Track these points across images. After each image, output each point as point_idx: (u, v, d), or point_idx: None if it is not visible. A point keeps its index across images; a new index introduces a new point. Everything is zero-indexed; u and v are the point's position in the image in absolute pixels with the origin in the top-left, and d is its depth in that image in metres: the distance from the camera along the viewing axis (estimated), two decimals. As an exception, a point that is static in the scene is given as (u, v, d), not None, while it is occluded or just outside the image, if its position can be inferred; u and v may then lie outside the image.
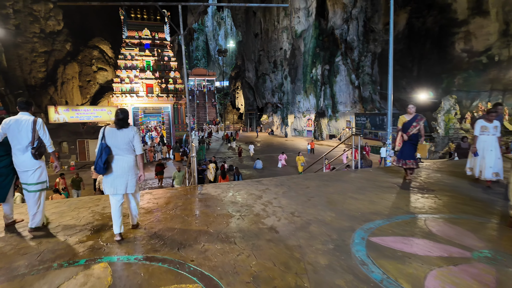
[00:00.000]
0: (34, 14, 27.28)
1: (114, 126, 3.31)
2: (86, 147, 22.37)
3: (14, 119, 3.45)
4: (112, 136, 3.28)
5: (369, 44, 31.36)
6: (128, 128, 3.37)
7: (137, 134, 3.44)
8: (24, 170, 3.47)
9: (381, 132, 27.89)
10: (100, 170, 3.22)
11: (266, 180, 5.69)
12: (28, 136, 3.42)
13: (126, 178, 3.28)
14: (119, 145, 3.28)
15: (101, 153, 3.21)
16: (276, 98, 44.42)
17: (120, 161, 3.29)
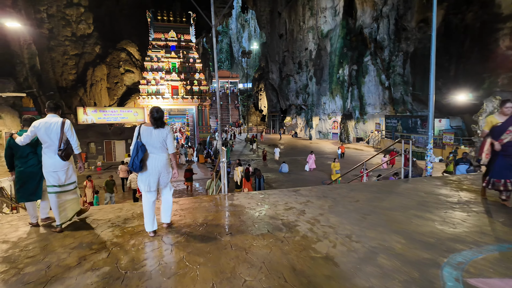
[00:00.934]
0: (67, 18, 28.15)
1: (150, 124, 3.37)
2: (113, 147, 22.61)
3: (44, 121, 3.52)
4: (148, 135, 3.34)
5: (401, 43, 29.78)
6: (164, 127, 3.42)
7: (170, 133, 3.49)
8: (53, 170, 3.53)
9: (415, 136, 26.29)
10: (136, 168, 3.29)
11: (304, 190, 4.99)
12: (57, 138, 3.51)
13: (159, 175, 3.37)
14: (153, 144, 3.34)
15: (137, 151, 3.27)
16: (300, 99, 43.46)
17: (154, 159, 3.36)
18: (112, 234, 3.32)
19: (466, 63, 24.75)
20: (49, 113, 3.66)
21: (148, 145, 3.32)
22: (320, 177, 16.60)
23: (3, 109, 16.69)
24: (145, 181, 3.33)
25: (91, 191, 11.21)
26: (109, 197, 11.77)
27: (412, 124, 27.16)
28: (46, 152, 3.52)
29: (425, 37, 27.61)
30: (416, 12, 28.23)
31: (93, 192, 11.18)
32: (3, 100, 16.96)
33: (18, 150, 3.64)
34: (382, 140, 30.63)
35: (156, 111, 3.36)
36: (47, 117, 3.61)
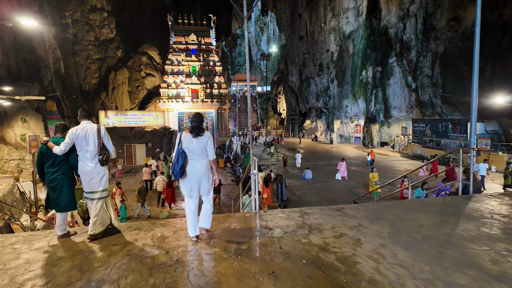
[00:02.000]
0: (90, 23, 28.63)
1: (189, 132, 3.42)
2: (133, 151, 22.54)
3: (80, 128, 3.56)
4: (188, 142, 3.40)
5: (429, 43, 28.27)
6: (204, 134, 3.44)
7: (210, 139, 3.51)
8: (90, 177, 3.55)
9: (445, 141, 24.74)
10: (176, 174, 3.36)
11: (350, 209, 4.26)
12: (95, 144, 3.56)
13: (199, 182, 3.40)
14: (194, 150, 3.40)
15: (177, 158, 3.35)
16: (321, 102, 42.38)
17: (195, 165, 3.40)
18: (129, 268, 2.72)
19: (504, 63, 23.06)
20: (83, 120, 3.69)
21: (189, 151, 3.38)
22: (347, 185, 15.66)
23: (28, 112, 16.87)
24: (186, 187, 3.39)
25: (119, 200, 10.48)
26: (141, 206, 10.98)
27: (443, 128, 25.59)
28: (83, 159, 3.55)
29: (456, 36, 26.07)
30: (447, 10, 26.71)
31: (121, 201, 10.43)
32: (28, 103, 17.16)
33: (50, 158, 3.56)
34: (409, 145, 29.13)
35: (192, 120, 3.43)
36: (82, 124, 3.63)
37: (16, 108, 16.62)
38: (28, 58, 19.67)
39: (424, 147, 26.80)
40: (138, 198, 10.80)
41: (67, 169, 3.63)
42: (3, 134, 16.52)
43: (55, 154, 3.50)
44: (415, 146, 27.94)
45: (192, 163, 3.38)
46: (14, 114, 16.57)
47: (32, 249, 3.18)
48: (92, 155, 3.54)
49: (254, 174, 4.30)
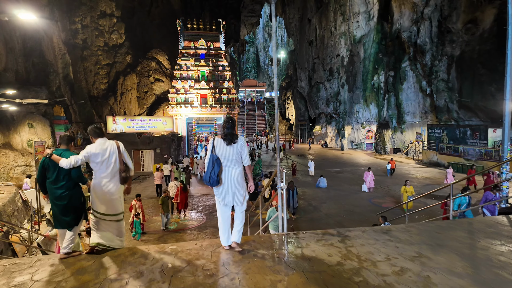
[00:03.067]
0: (100, 28, 28.56)
1: (222, 138, 3.30)
2: (141, 157, 22.08)
3: (99, 146, 3.42)
4: (223, 148, 3.27)
5: (445, 47, 27.39)
6: (238, 140, 3.31)
7: (245, 145, 3.39)
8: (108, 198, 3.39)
9: (464, 147, 23.71)
10: (213, 182, 3.20)
11: (399, 231, 3.54)
12: (116, 161, 3.45)
13: (234, 190, 3.27)
14: (228, 157, 3.26)
15: (213, 165, 3.19)
16: (331, 107, 41.60)
17: (229, 172, 3.27)
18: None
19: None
20: (98, 139, 3.51)
21: (223, 158, 3.24)
22: (366, 194, 14.81)
23: (34, 117, 16.54)
24: (220, 195, 3.28)
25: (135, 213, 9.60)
26: (165, 217, 10.14)
27: (461, 135, 24.59)
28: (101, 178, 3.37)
29: (473, 39, 25.17)
30: (463, 12, 25.88)
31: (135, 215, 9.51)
32: (35, 108, 16.85)
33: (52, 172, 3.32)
34: (424, 151, 28.13)
35: (224, 126, 3.30)
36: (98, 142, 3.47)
37: (23, 113, 16.31)
38: (37, 63, 19.46)
39: (441, 154, 25.80)
40: (162, 208, 10.00)
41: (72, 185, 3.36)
42: (9, 140, 16.19)
43: (57, 169, 3.27)
44: (431, 153, 26.94)
45: (227, 170, 3.24)
46: (21, 119, 16.25)
47: (10, 286, 2.53)
48: (113, 173, 3.41)
49: (281, 188, 3.64)
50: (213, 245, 3.33)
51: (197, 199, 14.10)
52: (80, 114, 24.56)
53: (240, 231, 3.36)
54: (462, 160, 23.19)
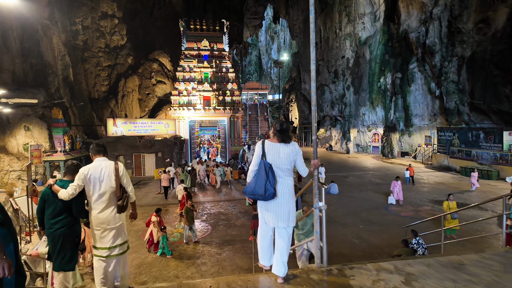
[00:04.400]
0: (101, 29, 27.99)
1: (275, 140, 2.81)
2: (142, 161, 21.33)
3: (93, 167, 3.08)
4: (275, 153, 2.76)
5: (455, 47, 26.60)
6: (290, 143, 2.83)
7: (300, 151, 2.88)
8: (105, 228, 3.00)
9: (477, 151, 22.82)
10: (269, 195, 2.63)
11: (475, 267, 2.73)
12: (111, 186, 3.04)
13: (288, 207, 2.73)
14: (280, 165, 2.76)
15: (267, 174, 2.64)
16: (336, 110, 40.82)
17: (282, 184, 2.74)
18: None
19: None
20: (97, 157, 3.19)
21: (275, 166, 2.75)
22: (381, 201, 13.94)
23: (31, 120, 15.85)
24: (269, 212, 2.78)
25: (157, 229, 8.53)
26: (189, 229, 9.26)
27: (473, 138, 23.71)
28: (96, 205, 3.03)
29: (485, 39, 24.41)
30: (474, 11, 25.13)
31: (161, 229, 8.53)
32: (32, 110, 16.16)
33: (50, 205, 3.08)
34: (434, 155, 27.24)
35: (280, 124, 2.84)
36: (95, 162, 3.14)
37: (19, 115, 15.63)
38: (35, 64, 18.82)
39: (452, 158, 24.92)
40: (186, 219, 9.08)
41: (69, 222, 3.09)
42: (4, 144, 15.50)
43: (56, 202, 3.02)
44: (442, 157, 26.06)
45: (280, 182, 2.74)
46: (17, 122, 15.57)
47: None
48: (108, 200, 3.05)
49: (319, 209, 2.84)
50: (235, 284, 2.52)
51: (201, 206, 13.29)
52: (80, 117, 23.89)
53: (286, 261, 2.78)
54: (475, 164, 22.31)
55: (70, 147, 17.50)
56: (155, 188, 16.89)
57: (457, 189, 17.00)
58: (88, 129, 24.43)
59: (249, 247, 8.36)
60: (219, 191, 16.26)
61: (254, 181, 2.67)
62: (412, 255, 6.06)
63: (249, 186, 2.72)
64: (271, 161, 2.74)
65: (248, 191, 2.69)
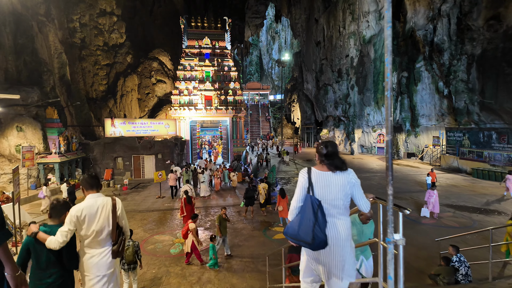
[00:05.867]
0: (99, 27, 27.17)
1: (324, 168, 2.17)
2: (141, 163, 20.48)
3: (87, 206, 2.63)
4: (324, 185, 2.16)
5: (465, 45, 25.79)
6: (346, 171, 2.21)
7: (358, 180, 2.26)
8: (99, 275, 2.61)
9: (489, 152, 22.00)
10: (320, 244, 2.00)
11: None
12: (109, 226, 2.67)
13: (342, 256, 2.08)
14: (332, 200, 2.15)
15: (315, 214, 2.03)
16: (340, 110, 39.96)
17: (334, 227, 2.11)
18: None
19: None
20: (90, 192, 2.73)
21: (325, 202, 2.12)
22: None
23: (24, 120, 15.01)
24: (317, 264, 2.15)
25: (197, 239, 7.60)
26: (222, 240, 8.22)
27: (485, 138, 22.92)
28: (89, 249, 2.64)
29: (497, 36, 23.61)
30: (485, 8, 24.31)
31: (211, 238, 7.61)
32: (25, 110, 15.32)
33: (36, 255, 2.53)
34: (442, 156, 26.42)
35: (325, 145, 2.24)
36: (88, 199, 2.68)
37: (11, 115, 14.79)
38: (29, 62, 17.98)
39: (462, 159, 24.12)
40: (219, 229, 8.00)
41: (60, 274, 2.59)
42: (-4, 145, 14.66)
43: (43, 252, 2.54)
44: (451, 158, 25.24)
45: (331, 223, 2.12)
46: (9, 122, 14.73)
47: None
48: (102, 244, 2.71)
49: (394, 244, 1.95)
50: None
51: (203, 212, 12.42)
52: (77, 117, 23.05)
53: None
54: (487, 166, 21.52)
55: (65, 149, 16.65)
56: (154, 192, 16.04)
57: (470, 192, 16.15)
58: (85, 130, 23.59)
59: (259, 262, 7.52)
60: (223, 195, 15.41)
61: (298, 222, 2.10)
62: (453, 275, 5.22)
63: (292, 227, 2.13)
64: (321, 195, 2.16)
65: (290, 234, 2.11)
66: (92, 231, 2.64)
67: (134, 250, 6.50)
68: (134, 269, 6.56)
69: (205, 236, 9.64)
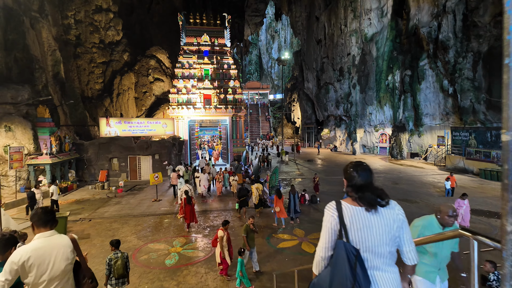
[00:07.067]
0: (95, 24, 26.41)
1: (357, 203, 1.59)
2: (138, 164, 19.73)
3: (35, 248, 2.10)
4: (363, 227, 1.56)
5: (471, 42, 25.13)
6: (389, 205, 1.62)
7: (406, 219, 1.68)
8: None
9: (497, 152, 21.32)
10: None
11: None
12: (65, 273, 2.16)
13: None
14: (374, 247, 1.56)
15: (353, 269, 1.47)
16: (341, 109, 39.28)
17: (379, 284, 1.53)
18: None
19: None
20: (42, 230, 2.20)
21: (364, 250, 1.52)
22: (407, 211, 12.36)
23: (13, 119, 14.26)
24: None
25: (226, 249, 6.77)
26: (251, 254, 7.21)
27: (492, 138, 22.23)
28: None
29: (504, 33, 22.88)
30: (492, 4, 23.66)
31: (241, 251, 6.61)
32: (14, 109, 14.57)
33: None
34: (448, 156, 25.74)
35: (355, 169, 1.64)
36: (40, 240, 2.14)
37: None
38: (20, 58, 17.22)
39: (469, 159, 23.44)
40: (246, 242, 6.98)
41: None
42: (-17, 145, 13.90)
43: None
44: (456, 158, 24.56)
45: (375, 279, 1.49)
46: (-3, 121, 13.98)
47: None
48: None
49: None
50: None
51: (202, 217, 11.68)
52: (72, 116, 22.28)
53: None
54: (496, 167, 20.84)
55: (57, 149, 15.90)
56: (151, 194, 15.30)
57: (482, 194, 15.49)
58: (80, 130, 22.81)
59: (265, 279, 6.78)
60: (223, 200, 14.63)
61: (329, 280, 1.54)
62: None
63: (319, 285, 1.59)
64: (358, 241, 1.58)
65: None
66: (42, 281, 2.08)
67: (124, 262, 5.76)
68: (124, 284, 5.82)
69: (204, 245, 8.89)
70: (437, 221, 2.96)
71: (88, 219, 11.41)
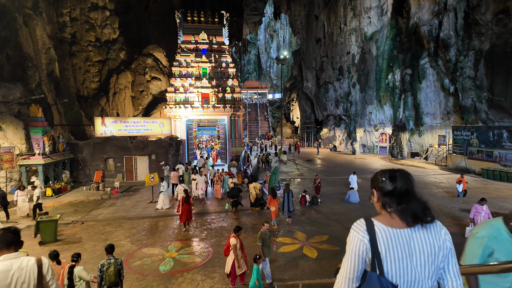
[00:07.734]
0: (91, 22, 25.95)
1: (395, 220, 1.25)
2: (134, 164, 19.29)
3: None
4: (403, 256, 1.21)
5: (472, 40, 24.79)
6: (435, 225, 1.29)
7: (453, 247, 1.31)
8: None
9: (500, 152, 20.99)
10: None
11: None
12: None
13: None
14: (416, 281, 1.21)
15: None
16: (341, 109, 38.91)
17: None
18: None
19: None
20: (5, 252, 2.01)
21: (405, 282, 1.16)
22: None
23: (5, 118, 13.82)
24: None
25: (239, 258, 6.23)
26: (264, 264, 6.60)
27: (495, 137, 21.91)
28: None
29: (506, 30, 22.65)
30: (493, 1, 23.33)
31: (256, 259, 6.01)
32: (6, 108, 14.12)
33: None
34: (449, 156, 25.43)
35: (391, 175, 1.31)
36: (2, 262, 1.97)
37: (-11, 113, 13.59)
38: (13, 56, 16.76)
39: (470, 159, 23.12)
40: (261, 251, 6.44)
41: None
42: (-27, 145, 13.45)
43: None
44: (458, 158, 24.24)
45: None
46: (-13, 120, 13.54)
47: None
48: None
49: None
50: None
51: (199, 220, 11.26)
52: (67, 116, 21.82)
53: None
54: (498, 166, 20.53)
55: (51, 149, 15.45)
56: (147, 196, 14.87)
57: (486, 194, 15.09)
58: (75, 129, 22.36)
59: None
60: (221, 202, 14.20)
61: None
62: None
63: None
64: (395, 275, 1.18)
65: None
66: None
67: (116, 270, 5.34)
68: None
69: (200, 250, 8.48)
70: (508, 230, 2.21)
71: (80, 222, 10.98)
